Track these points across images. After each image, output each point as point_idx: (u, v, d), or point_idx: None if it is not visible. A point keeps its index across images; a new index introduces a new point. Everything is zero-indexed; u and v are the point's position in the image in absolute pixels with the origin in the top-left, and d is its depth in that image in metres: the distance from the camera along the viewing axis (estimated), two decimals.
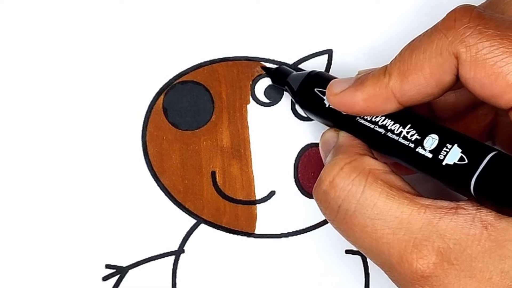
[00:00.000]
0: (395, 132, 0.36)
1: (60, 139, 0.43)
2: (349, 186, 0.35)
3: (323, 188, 0.36)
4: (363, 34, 0.44)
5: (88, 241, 0.42)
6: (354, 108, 0.37)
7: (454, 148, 0.34)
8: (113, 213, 0.43)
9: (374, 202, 0.34)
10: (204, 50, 0.43)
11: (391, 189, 0.34)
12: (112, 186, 0.43)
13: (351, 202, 0.35)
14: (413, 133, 0.35)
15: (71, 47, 0.43)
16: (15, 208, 0.42)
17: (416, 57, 0.35)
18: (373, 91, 0.36)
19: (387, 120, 0.37)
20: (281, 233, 0.43)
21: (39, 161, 0.42)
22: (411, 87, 0.35)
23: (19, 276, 0.42)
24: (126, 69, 0.43)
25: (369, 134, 0.37)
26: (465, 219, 0.33)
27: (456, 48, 0.33)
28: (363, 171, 0.35)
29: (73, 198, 0.42)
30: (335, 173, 0.36)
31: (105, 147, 0.43)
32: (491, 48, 0.33)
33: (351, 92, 0.37)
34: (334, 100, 0.37)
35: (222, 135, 0.43)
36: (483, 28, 0.33)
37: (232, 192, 0.43)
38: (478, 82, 0.33)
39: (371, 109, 0.36)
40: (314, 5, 0.44)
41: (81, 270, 0.42)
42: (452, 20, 0.34)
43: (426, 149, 0.35)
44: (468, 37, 0.33)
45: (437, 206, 0.33)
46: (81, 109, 0.43)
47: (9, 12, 0.43)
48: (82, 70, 0.43)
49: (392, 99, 0.36)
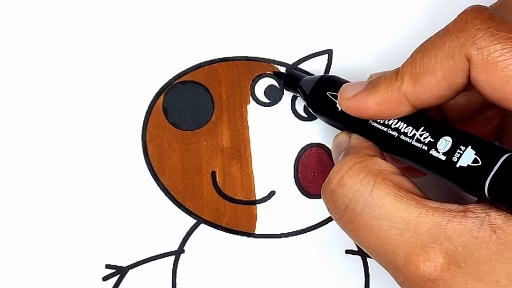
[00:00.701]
0: (408, 135, 0.36)
1: (60, 139, 0.43)
2: (357, 186, 0.35)
3: (331, 186, 0.36)
4: (363, 34, 0.44)
5: (88, 241, 0.42)
6: (367, 112, 0.37)
7: (468, 150, 0.34)
8: (113, 213, 0.42)
9: (382, 202, 0.34)
10: (204, 50, 0.43)
11: (399, 190, 0.34)
12: (112, 186, 0.43)
13: (359, 201, 0.34)
14: (426, 135, 0.35)
15: (71, 47, 0.43)
16: (15, 208, 0.42)
17: (428, 60, 0.34)
18: (386, 94, 0.36)
19: (400, 123, 0.36)
20: (281, 233, 0.43)
21: (39, 161, 0.42)
22: (423, 90, 0.35)
23: (19, 276, 0.42)
24: (126, 69, 0.43)
25: (382, 137, 0.37)
26: (473, 222, 0.32)
27: (467, 50, 0.33)
28: (372, 171, 0.35)
29: (73, 198, 0.42)
30: (344, 172, 0.35)
31: (105, 147, 0.43)
32: (503, 51, 0.33)
33: (363, 96, 0.37)
34: (347, 104, 0.37)
35: (222, 135, 0.43)
36: (494, 30, 0.33)
37: (232, 192, 0.43)
38: (490, 84, 0.33)
39: (384, 113, 0.36)
40: (314, 5, 0.44)
41: (81, 270, 0.42)
42: (464, 21, 0.34)
43: (439, 152, 0.34)
44: (479, 39, 0.33)
45: (445, 209, 0.33)
46: (81, 109, 0.43)
47: (9, 12, 0.43)
48: (82, 70, 0.43)
49: (405, 102, 0.35)
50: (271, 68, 0.43)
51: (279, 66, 0.44)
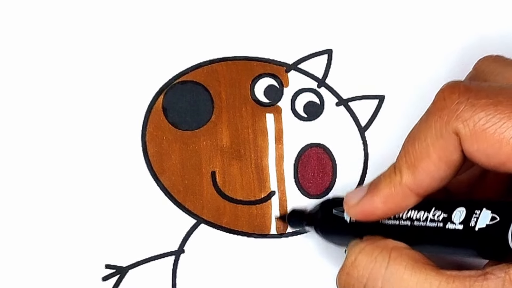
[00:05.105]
0: (421, 220, 0.35)
1: (60, 139, 0.42)
2: (373, 263, 0.35)
3: (345, 271, 0.36)
4: (363, 34, 0.44)
5: (88, 241, 0.42)
6: (376, 213, 0.36)
7: (484, 211, 0.33)
8: (113, 213, 0.42)
9: (400, 276, 0.34)
10: (204, 50, 0.43)
11: (416, 262, 0.34)
12: (112, 186, 0.42)
13: (377, 278, 0.34)
14: (439, 213, 0.35)
15: (71, 47, 0.43)
16: (15, 208, 0.42)
17: (419, 146, 0.34)
18: (389, 191, 0.36)
19: (410, 211, 0.36)
20: (281, 233, 0.43)
21: (39, 161, 0.42)
22: (424, 177, 0.35)
23: (19, 276, 0.42)
24: (126, 69, 0.43)
25: (396, 231, 0.36)
26: (495, 283, 0.32)
27: (454, 125, 0.33)
28: (385, 248, 0.35)
29: (73, 198, 0.42)
30: (357, 253, 0.35)
31: (105, 147, 0.43)
32: (488, 117, 0.32)
33: (368, 199, 0.36)
34: (354, 211, 0.37)
35: (222, 135, 0.43)
36: (474, 100, 0.33)
37: (232, 192, 0.43)
38: (483, 153, 0.33)
39: (392, 210, 0.36)
40: (314, 5, 0.44)
41: (81, 270, 0.42)
42: (442, 99, 0.34)
43: (455, 223, 0.34)
44: (462, 112, 0.33)
45: (465, 275, 0.33)
46: (81, 109, 0.43)
47: (9, 12, 0.42)
48: (82, 70, 0.43)
49: (409, 194, 0.35)
50: (271, 68, 0.43)
51: (279, 67, 0.44)
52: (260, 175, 0.43)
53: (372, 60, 0.44)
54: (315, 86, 0.44)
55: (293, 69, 0.44)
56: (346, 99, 0.44)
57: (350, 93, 0.44)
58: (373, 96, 0.44)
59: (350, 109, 0.44)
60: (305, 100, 0.44)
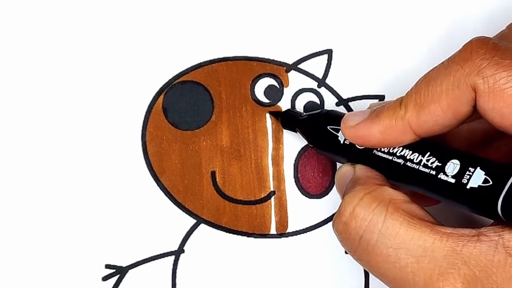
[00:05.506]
0: (414, 161, 0.36)
1: (60, 139, 0.42)
2: (370, 216, 0.35)
3: (343, 219, 0.36)
4: (363, 34, 0.44)
5: (88, 241, 0.42)
6: (371, 140, 0.37)
7: (477, 171, 0.33)
8: (113, 213, 0.42)
9: (396, 231, 0.34)
10: (204, 50, 0.43)
11: (412, 218, 0.34)
12: (112, 186, 0.43)
13: (373, 232, 0.35)
14: (433, 160, 0.35)
15: (71, 47, 0.43)
16: (15, 208, 0.42)
17: (433, 89, 0.35)
18: (389, 123, 0.36)
19: (405, 150, 0.36)
20: (281, 233, 0.43)
21: (39, 161, 0.42)
22: (428, 119, 0.35)
23: (19, 276, 0.42)
24: (126, 69, 0.43)
25: (388, 165, 0.37)
26: (488, 245, 0.32)
27: (473, 80, 0.33)
28: (384, 200, 0.35)
29: (73, 198, 0.42)
30: (355, 204, 0.35)
31: (105, 147, 0.43)
32: (509, 78, 0.33)
33: (367, 125, 0.37)
34: (350, 133, 0.37)
35: (222, 135, 0.43)
36: (499, 59, 0.33)
37: (232, 192, 0.43)
38: (498, 112, 0.33)
39: (387, 141, 0.36)
40: (314, 5, 0.44)
41: (81, 270, 0.42)
42: (469, 51, 0.34)
43: (448, 175, 0.34)
44: (485, 68, 0.33)
45: (459, 234, 0.33)
46: (81, 109, 0.43)
47: (9, 12, 0.42)
48: (81, 70, 0.43)
49: (409, 130, 0.36)
50: (271, 68, 0.44)
51: (279, 67, 0.44)
52: (260, 175, 0.43)
53: (372, 60, 0.44)
54: (315, 86, 0.44)
55: (293, 69, 0.44)
56: (346, 99, 0.44)
57: (350, 93, 0.44)
58: (373, 96, 0.44)
59: (350, 109, 0.44)
60: (305, 100, 0.44)
